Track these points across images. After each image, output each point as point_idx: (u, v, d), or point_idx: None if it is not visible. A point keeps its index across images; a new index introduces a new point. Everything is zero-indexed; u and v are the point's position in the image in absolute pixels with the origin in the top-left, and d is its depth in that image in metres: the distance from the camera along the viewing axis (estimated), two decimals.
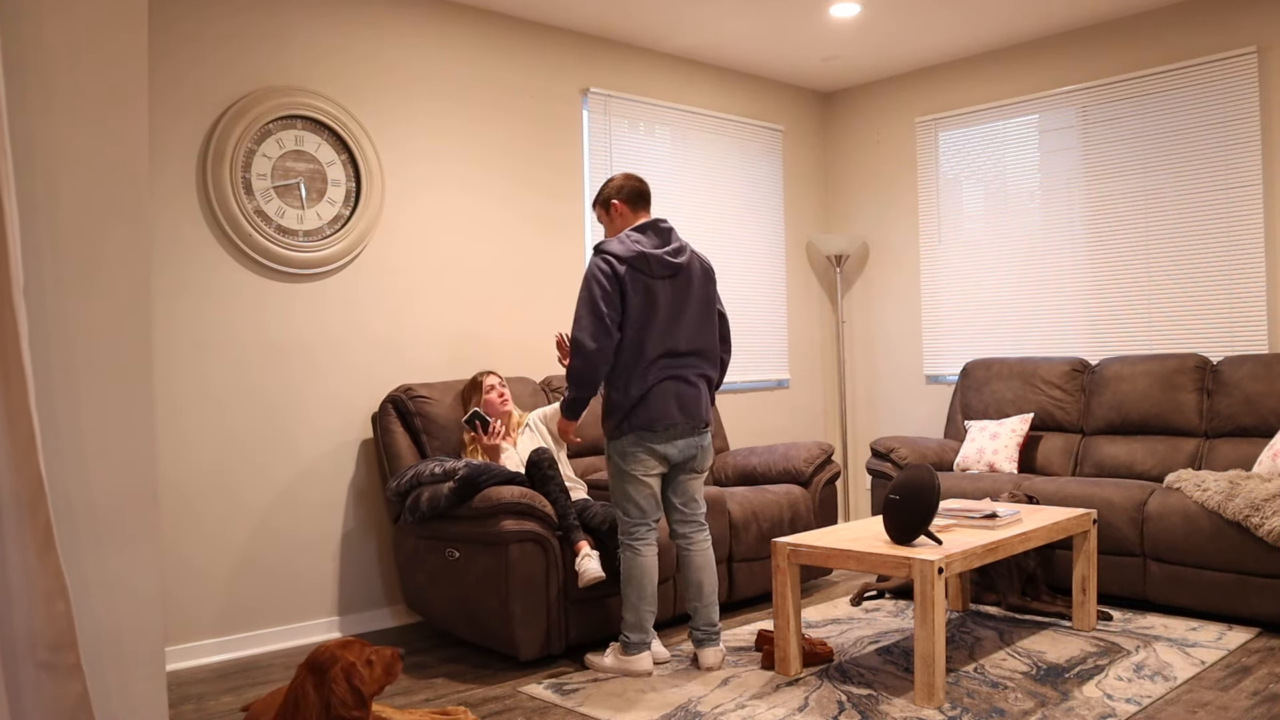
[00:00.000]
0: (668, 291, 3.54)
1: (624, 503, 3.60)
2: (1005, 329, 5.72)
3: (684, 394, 3.57)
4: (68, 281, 2.27)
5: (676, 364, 3.57)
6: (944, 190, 5.99)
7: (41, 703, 2.12)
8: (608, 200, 3.71)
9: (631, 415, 3.52)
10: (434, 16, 4.70)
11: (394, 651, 2.67)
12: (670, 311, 3.54)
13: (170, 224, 3.95)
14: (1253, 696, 3.22)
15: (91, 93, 2.30)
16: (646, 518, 3.60)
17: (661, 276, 3.52)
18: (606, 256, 3.50)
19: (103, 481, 2.31)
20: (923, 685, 3.19)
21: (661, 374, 3.53)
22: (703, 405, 3.63)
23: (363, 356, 4.44)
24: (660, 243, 3.59)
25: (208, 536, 4.02)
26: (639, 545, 3.60)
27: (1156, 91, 5.10)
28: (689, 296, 3.60)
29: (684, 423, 3.56)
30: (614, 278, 3.47)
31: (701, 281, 3.65)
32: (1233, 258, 4.88)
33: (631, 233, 3.58)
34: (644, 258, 3.49)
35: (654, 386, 3.52)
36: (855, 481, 6.43)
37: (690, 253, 3.65)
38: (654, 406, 3.51)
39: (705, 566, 3.69)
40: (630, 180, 3.70)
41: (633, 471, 3.56)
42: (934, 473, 3.40)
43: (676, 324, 3.56)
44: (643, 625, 3.59)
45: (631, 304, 3.48)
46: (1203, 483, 4.14)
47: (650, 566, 3.60)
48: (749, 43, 5.51)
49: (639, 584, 3.58)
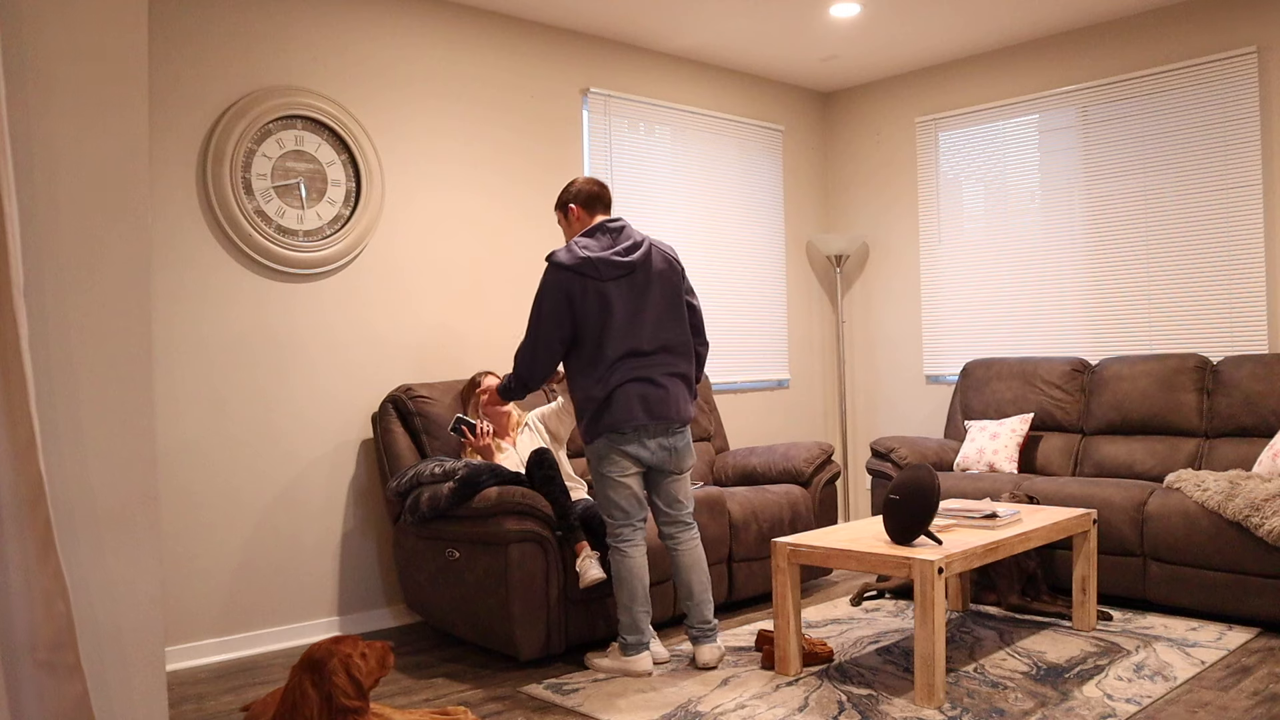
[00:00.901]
0: (624, 291, 3.51)
1: (606, 505, 3.61)
2: (1005, 329, 5.72)
3: (649, 394, 3.52)
4: (68, 281, 2.27)
5: (641, 364, 3.53)
6: (944, 190, 5.99)
7: (41, 703, 2.12)
8: (565, 204, 3.72)
9: (598, 418, 3.52)
10: (434, 16, 4.70)
11: (384, 645, 2.70)
12: (629, 312, 3.51)
13: (170, 224, 3.95)
14: (1253, 696, 3.22)
15: (91, 93, 2.30)
16: (630, 518, 3.60)
17: (613, 278, 3.50)
18: (553, 267, 3.51)
19: (103, 481, 2.31)
20: (923, 685, 3.19)
21: (625, 375, 3.50)
22: (672, 404, 3.57)
23: (363, 356, 4.44)
24: (609, 243, 3.56)
25: (208, 536, 4.02)
26: (625, 547, 3.59)
27: (1156, 91, 5.10)
28: (649, 293, 3.55)
29: (652, 424, 3.54)
30: (560, 289, 3.47)
31: (664, 275, 3.60)
32: (1233, 258, 4.88)
33: (580, 238, 3.57)
34: (590, 263, 3.48)
35: (617, 389, 3.50)
36: (855, 481, 6.43)
37: (648, 247, 3.59)
38: (618, 409, 3.49)
39: (694, 566, 3.68)
40: (588, 185, 3.70)
41: (608, 474, 3.57)
42: (934, 473, 3.40)
43: (637, 323, 3.52)
44: (638, 626, 3.58)
45: (584, 311, 3.47)
46: (1203, 483, 4.14)
47: (638, 567, 3.59)
48: (749, 43, 5.51)
49: (629, 585, 3.57)
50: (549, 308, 3.49)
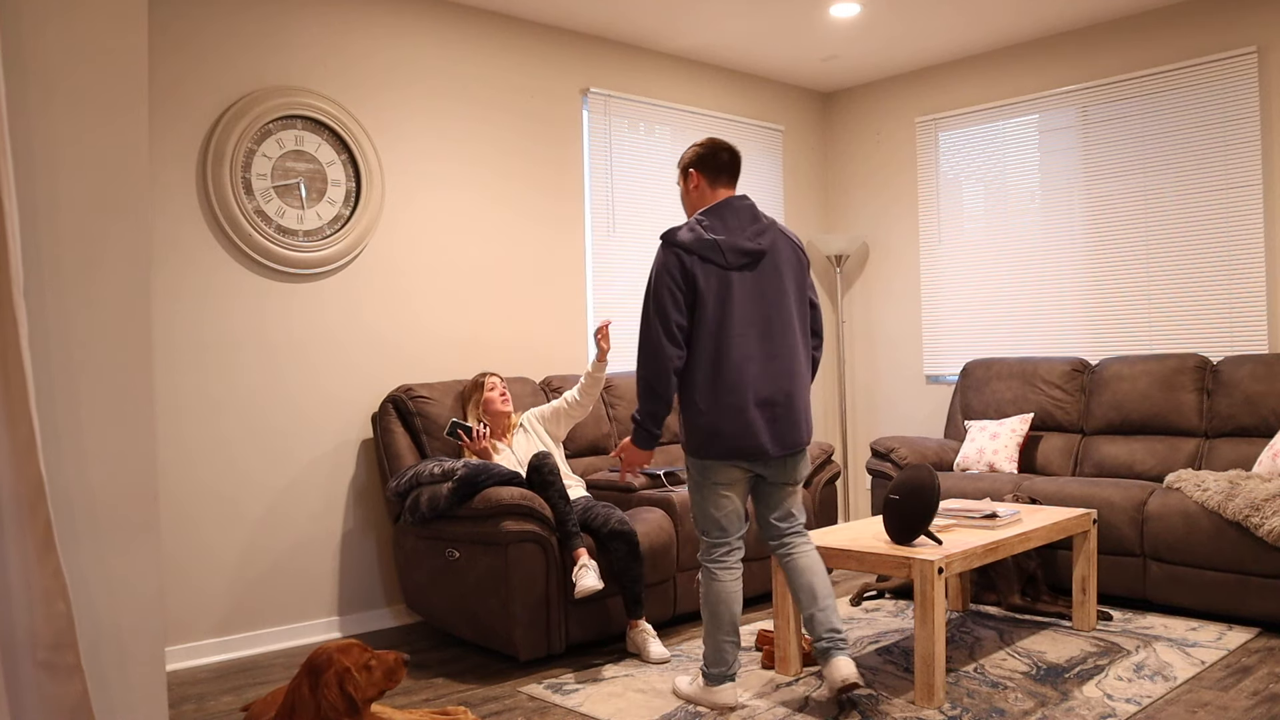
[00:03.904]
0: (748, 283, 3.06)
1: (703, 520, 3.20)
2: (1005, 329, 5.72)
3: (776, 415, 3.09)
4: (68, 281, 2.27)
5: (764, 373, 3.07)
6: (944, 190, 5.99)
7: (41, 702, 2.12)
8: (685, 167, 3.23)
9: (713, 438, 3.06)
10: (434, 16, 4.70)
11: (397, 657, 2.61)
12: (752, 307, 3.07)
13: (170, 224, 3.95)
14: (1253, 696, 3.22)
15: (91, 93, 2.30)
16: (728, 536, 3.18)
17: (738, 267, 3.06)
18: (669, 247, 3.07)
19: (103, 481, 2.31)
20: (923, 685, 3.19)
21: (747, 387, 3.05)
22: (798, 427, 3.14)
23: (363, 356, 4.44)
24: (737, 225, 3.10)
25: (207, 536, 4.02)
26: (717, 569, 3.18)
27: (1156, 91, 5.10)
28: (775, 286, 3.10)
29: (774, 440, 3.10)
30: (676, 271, 3.03)
31: (792, 267, 3.17)
32: (1233, 258, 4.88)
33: (703, 216, 3.11)
34: (715, 246, 3.03)
35: (737, 405, 3.04)
36: (855, 481, 6.43)
37: (776, 232, 3.14)
38: (738, 432, 3.05)
39: (813, 568, 3.20)
40: (718, 150, 3.19)
41: (711, 485, 3.14)
42: (934, 473, 3.40)
43: (761, 321, 3.08)
44: (723, 657, 3.18)
45: (702, 301, 3.03)
46: (1203, 483, 4.14)
47: (730, 594, 3.17)
48: (749, 43, 5.51)
49: (716, 612, 3.17)
50: (666, 292, 3.02)
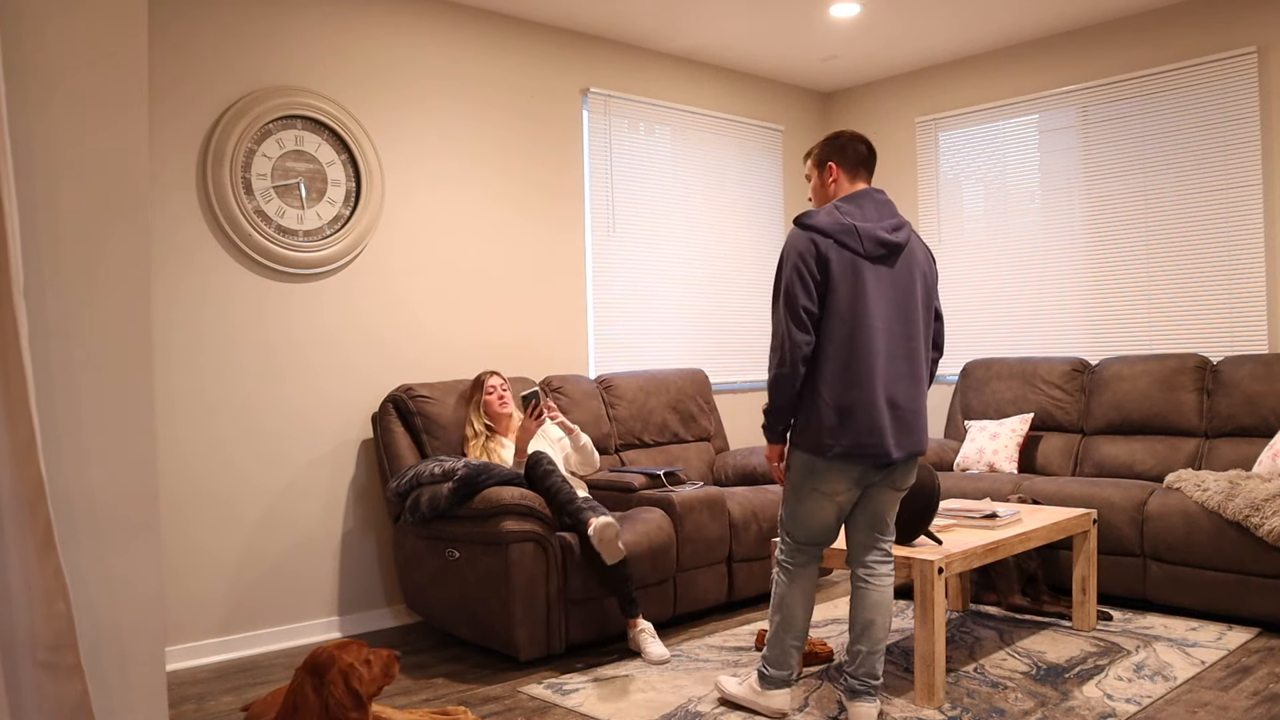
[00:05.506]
0: (881, 278, 2.90)
1: (792, 524, 3.05)
2: (1005, 329, 5.72)
3: (902, 419, 2.93)
4: (68, 281, 2.27)
5: (892, 373, 2.91)
6: (944, 190, 5.99)
7: (41, 703, 2.12)
8: (823, 160, 3.06)
9: (836, 435, 2.87)
10: (434, 16, 4.70)
11: (390, 653, 2.67)
12: (884, 302, 2.90)
13: (170, 224, 3.95)
14: (1253, 696, 3.22)
15: (91, 93, 2.30)
16: (815, 545, 3.07)
17: (874, 258, 2.89)
18: (804, 230, 2.90)
19: (103, 481, 2.31)
20: (923, 685, 3.19)
21: (876, 384, 2.87)
22: (919, 432, 2.98)
23: (363, 356, 4.44)
24: (876, 215, 2.94)
25: (207, 536, 4.02)
26: (794, 569, 3.08)
27: (1156, 91, 5.10)
28: (907, 285, 2.95)
29: (898, 444, 2.92)
30: (809, 256, 2.85)
31: (924, 270, 3.01)
32: (1233, 258, 4.88)
33: (841, 203, 2.95)
34: (854, 232, 2.87)
35: (864, 403, 2.86)
36: None
37: (912, 234, 3.00)
38: (865, 431, 2.86)
39: (880, 605, 3.02)
40: (858, 143, 3.04)
41: (816, 489, 2.97)
42: (934, 473, 3.40)
43: (891, 318, 2.92)
44: (788, 661, 3.09)
45: (836, 288, 2.85)
46: (1203, 483, 4.14)
47: (804, 598, 3.07)
48: (749, 43, 5.51)
49: (786, 614, 3.07)
50: (796, 275, 2.85)
